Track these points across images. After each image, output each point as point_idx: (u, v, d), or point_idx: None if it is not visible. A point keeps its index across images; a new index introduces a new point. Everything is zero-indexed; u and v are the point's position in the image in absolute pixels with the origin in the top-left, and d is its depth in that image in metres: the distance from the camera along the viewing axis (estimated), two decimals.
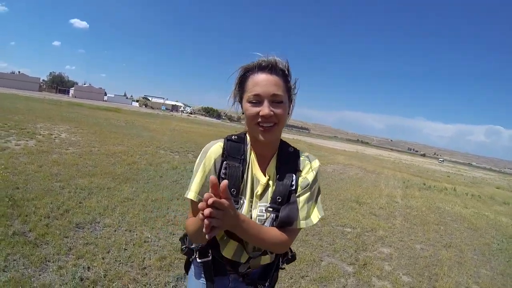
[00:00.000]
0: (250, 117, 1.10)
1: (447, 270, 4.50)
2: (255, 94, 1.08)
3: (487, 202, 13.78)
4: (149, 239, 3.63)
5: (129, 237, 3.58)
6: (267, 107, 1.07)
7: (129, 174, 6.29)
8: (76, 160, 6.55)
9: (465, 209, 10.32)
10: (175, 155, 9.96)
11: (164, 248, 3.49)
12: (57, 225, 3.48)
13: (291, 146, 1.27)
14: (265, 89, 1.08)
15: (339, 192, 8.71)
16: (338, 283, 3.55)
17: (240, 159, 1.18)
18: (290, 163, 1.22)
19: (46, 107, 19.32)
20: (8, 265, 2.62)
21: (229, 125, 54.68)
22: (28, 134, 8.53)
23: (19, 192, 4.20)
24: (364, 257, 4.44)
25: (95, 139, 9.96)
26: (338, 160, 20.93)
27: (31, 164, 5.57)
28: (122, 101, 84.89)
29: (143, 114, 35.89)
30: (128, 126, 16.79)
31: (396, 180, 15.12)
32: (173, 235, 3.89)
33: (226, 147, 1.18)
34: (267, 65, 1.11)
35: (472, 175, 41.89)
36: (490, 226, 8.23)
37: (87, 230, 3.53)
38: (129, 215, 4.20)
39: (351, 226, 5.73)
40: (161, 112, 63.61)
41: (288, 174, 1.18)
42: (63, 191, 4.57)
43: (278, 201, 1.14)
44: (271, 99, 1.08)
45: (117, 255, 3.13)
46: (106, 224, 3.79)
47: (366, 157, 35.90)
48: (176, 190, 5.77)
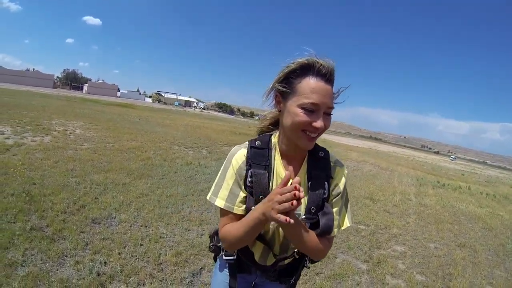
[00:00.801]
0: (300, 124, 1.03)
1: (461, 270, 4.44)
2: (314, 103, 1.01)
3: (502, 201, 13.53)
4: (164, 235, 3.67)
5: (144, 233, 3.62)
6: (321, 120, 1.02)
7: (143, 169, 6.36)
8: (91, 156, 6.65)
9: (480, 208, 10.15)
10: (189, 150, 10.02)
11: (179, 244, 3.53)
12: (73, 220, 3.54)
13: (321, 149, 1.21)
14: (324, 100, 1.02)
15: (353, 189, 8.65)
16: (352, 281, 3.55)
17: (265, 165, 1.14)
18: (321, 169, 1.17)
19: (60, 103, 19.60)
20: (26, 260, 2.67)
21: (242, 121, 54.67)
22: (44, 130, 8.68)
23: (36, 187, 4.28)
24: (378, 255, 4.41)
25: (109, 135, 10.08)
26: (352, 156, 20.82)
27: (47, 160, 5.67)
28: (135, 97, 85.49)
29: (156, 110, 36.15)
30: (142, 122, 16.93)
31: (409, 178, 14.96)
32: (188, 231, 3.93)
33: (250, 154, 1.15)
34: (326, 71, 1.04)
35: (486, 174, 41.17)
36: (505, 227, 8.07)
37: (103, 226, 3.59)
38: (145, 210, 4.25)
39: (365, 224, 5.70)
40: (174, 107, 63.96)
41: (320, 181, 1.15)
42: (79, 186, 4.65)
43: (313, 211, 1.12)
44: (326, 111, 1.04)
45: (133, 251, 3.17)
46: (122, 219, 3.84)
47: (379, 153, 35.61)
48: (191, 186, 5.81)
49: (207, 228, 4.10)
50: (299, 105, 1.03)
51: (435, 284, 3.87)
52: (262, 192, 1.10)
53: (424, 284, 3.83)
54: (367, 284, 3.56)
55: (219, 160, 9.18)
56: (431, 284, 3.85)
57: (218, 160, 9.07)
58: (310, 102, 1.01)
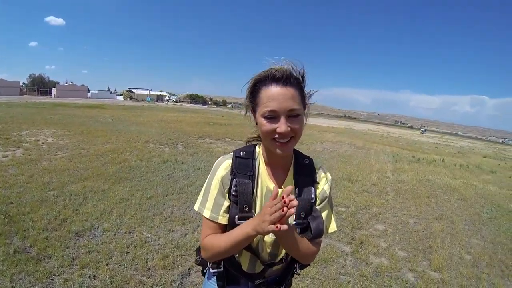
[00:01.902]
0: (266, 133, 1.06)
1: (440, 242, 4.67)
2: (271, 110, 1.03)
3: (475, 171, 14.13)
4: (149, 239, 3.68)
5: (129, 239, 3.62)
6: (284, 124, 1.03)
7: (121, 173, 6.29)
8: (67, 165, 6.50)
9: (454, 180, 10.58)
10: (165, 147, 9.95)
11: (165, 246, 3.55)
12: (56, 236, 3.48)
13: (306, 157, 1.25)
14: (281, 104, 1.03)
15: (331, 171, 8.69)
16: (337, 264, 3.68)
17: (249, 175, 1.17)
18: (307, 175, 1.21)
19: (29, 111, 18.91)
20: (14, 286, 2.61)
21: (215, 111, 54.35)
22: (14, 143, 8.35)
23: (14, 206, 4.14)
24: (360, 235, 4.57)
25: (83, 139, 9.84)
26: (327, 138, 21.13)
27: (21, 175, 5.49)
28: (106, 96, 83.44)
29: (128, 108, 35.40)
30: (115, 122, 16.58)
31: (385, 155, 15.37)
32: (172, 232, 3.96)
33: (235, 164, 1.17)
34: (281, 76, 1.04)
35: (459, 145, 42.69)
36: (479, 196, 8.48)
37: (87, 238, 3.55)
38: (127, 216, 4.24)
39: (345, 205, 5.87)
40: (147, 103, 62.86)
41: (307, 187, 1.18)
42: (58, 199, 4.55)
43: (302, 216, 1.15)
44: (288, 114, 1.04)
45: (120, 259, 3.17)
46: (105, 228, 3.81)
47: (354, 132, 36.24)
48: (170, 185, 5.82)
49: (190, 227, 4.13)
50: (261, 114, 1.06)
51: (416, 259, 4.07)
52: (246, 201, 1.12)
53: (406, 260, 4.01)
54: (351, 265, 3.70)
55: (195, 154, 9.20)
56: (412, 259, 4.04)
57: (194, 155, 9.09)
58: (268, 110, 1.03)
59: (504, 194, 9.46)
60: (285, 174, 1.21)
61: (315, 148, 14.07)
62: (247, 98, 1.14)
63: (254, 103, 1.11)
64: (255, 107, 1.11)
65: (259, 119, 1.08)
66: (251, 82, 1.10)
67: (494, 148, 50.98)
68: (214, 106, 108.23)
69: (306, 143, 15.29)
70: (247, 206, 1.12)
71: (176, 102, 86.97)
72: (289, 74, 1.06)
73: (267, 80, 1.06)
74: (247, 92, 1.13)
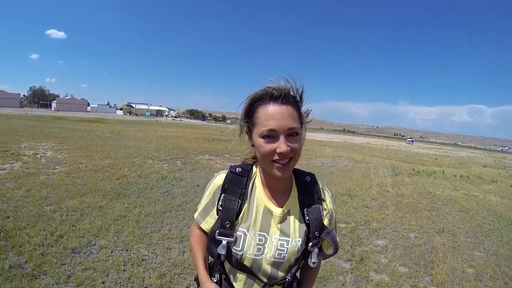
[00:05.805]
0: (265, 154, 1.02)
1: (442, 257, 4.61)
2: (270, 129, 1.00)
3: (475, 182, 14.06)
4: (146, 257, 3.63)
5: (126, 257, 3.56)
6: (284, 143, 0.99)
7: (119, 189, 6.24)
8: (65, 180, 6.47)
9: (455, 191, 10.53)
10: (163, 163, 9.90)
11: (162, 264, 3.50)
12: (52, 252, 3.43)
13: (307, 174, 1.21)
14: (281, 123, 1.00)
15: (330, 186, 8.75)
16: (337, 282, 3.61)
17: (240, 192, 1.13)
18: (312, 194, 1.18)
19: (28, 124, 18.95)
20: None
21: (214, 126, 54.38)
22: (13, 156, 8.37)
23: (10, 221, 4.12)
24: (360, 251, 4.51)
25: (81, 154, 9.84)
26: (326, 152, 21.09)
27: (18, 189, 5.47)
28: (106, 111, 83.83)
29: (128, 123, 35.50)
30: (114, 137, 16.59)
31: (385, 168, 15.32)
32: (170, 249, 3.90)
33: (227, 179, 1.15)
34: (279, 94, 1.02)
35: (459, 155, 42.61)
36: (480, 207, 8.42)
37: (83, 255, 3.50)
38: (124, 233, 4.18)
39: (345, 221, 5.81)
40: (146, 118, 63.12)
41: (315, 206, 1.16)
42: (55, 215, 4.51)
43: (317, 236, 1.13)
44: (287, 132, 1.01)
45: (116, 278, 3.12)
46: (102, 245, 3.76)
47: (353, 146, 36.20)
48: (168, 202, 5.76)
49: (188, 245, 4.06)
50: (259, 135, 1.02)
51: (418, 274, 4.00)
52: (228, 217, 1.10)
53: (408, 275, 3.95)
54: (351, 283, 3.63)
55: (194, 171, 9.13)
56: (414, 275, 3.97)
57: (193, 171, 9.01)
58: (267, 129, 1.00)
59: (505, 204, 9.41)
60: (285, 194, 1.17)
61: (315, 164, 14.03)
62: (242, 118, 1.11)
63: (251, 123, 1.08)
64: (252, 127, 1.08)
65: (256, 139, 1.04)
66: (247, 101, 1.07)
67: (494, 157, 50.94)
68: (214, 121, 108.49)
69: (305, 158, 15.27)
70: (229, 223, 1.09)
71: (176, 118, 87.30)
72: (287, 92, 1.04)
73: (265, 98, 1.03)
74: (242, 112, 1.10)
